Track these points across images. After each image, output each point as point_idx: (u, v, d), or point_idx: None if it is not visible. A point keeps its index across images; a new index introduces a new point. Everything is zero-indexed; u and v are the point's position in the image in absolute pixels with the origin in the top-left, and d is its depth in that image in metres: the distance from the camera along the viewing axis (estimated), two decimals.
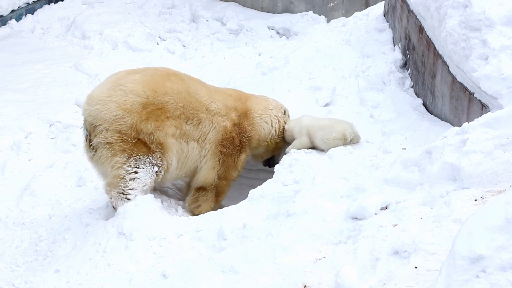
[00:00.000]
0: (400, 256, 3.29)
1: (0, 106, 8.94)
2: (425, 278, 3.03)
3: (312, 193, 4.52)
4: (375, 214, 3.88)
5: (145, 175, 5.45)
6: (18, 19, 12.73)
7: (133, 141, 5.36)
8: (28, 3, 12.96)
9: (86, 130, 5.46)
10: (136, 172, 5.41)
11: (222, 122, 5.81)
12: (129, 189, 5.41)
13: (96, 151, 5.42)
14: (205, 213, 5.40)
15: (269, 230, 4.32)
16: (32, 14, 12.94)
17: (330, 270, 3.52)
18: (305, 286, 3.47)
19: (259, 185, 5.39)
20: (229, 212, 4.99)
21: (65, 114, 8.66)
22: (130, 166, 5.40)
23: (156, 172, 5.50)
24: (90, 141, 5.43)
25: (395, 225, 3.59)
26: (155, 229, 4.99)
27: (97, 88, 5.63)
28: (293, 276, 3.61)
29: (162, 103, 5.47)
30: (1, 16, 12.58)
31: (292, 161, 5.60)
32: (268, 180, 5.43)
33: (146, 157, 5.42)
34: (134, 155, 5.39)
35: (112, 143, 5.34)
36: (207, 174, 5.83)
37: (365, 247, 3.54)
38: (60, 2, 13.38)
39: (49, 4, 13.27)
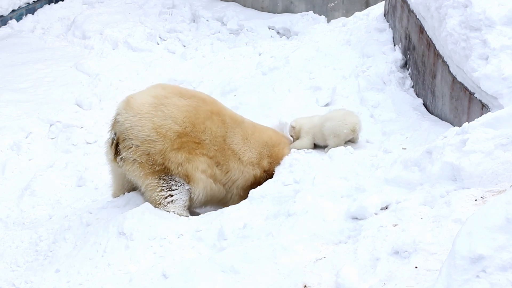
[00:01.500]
0: (400, 256, 3.29)
1: (0, 106, 8.95)
2: (425, 278, 3.03)
3: (312, 193, 4.52)
4: (376, 214, 3.88)
5: (180, 195, 5.37)
6: (18, 19, 12.74)
7: (158, 168, 5.27)
8: (29, 3, 12.96)
9: (115, 134, 5.31)
10: (171, 195, 5.34)
11: (253, 170, 5.69)
12: (172, 210, 5.34)
13: (123, 161, 5.30)
14: (205, 213, 5.40)
15: (269, 230, 4.31)
16: (32, 14, 12.95)
17: (330, 270, 3.52)
18: (305, 286, 3.47)
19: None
20: (229, 212, 4.98)
21: (65, 114, 8.68)
22: (163, 189, 5.32)
23: (188, 189, 5.41)
24: (117, 146, 5.30)
25: (396, 225, 3.59)
26: (156, 229, 4.99)
27: (141, 94, 5.43)
28: (293, 276, 3.61)
29: (199, 138, 5.37)
30: (2, 16, 12.59)
31: (292, 161, 5.59)
32: (269, 180, 5.43)
33: (174, 176, 5.34)
34: (163, 175, 5.30)
35: (142, 163, 5.25)
36: None
37: (366, 247, 3.53)
38: (60, 2, 13.39)
39: (49, 4, 13.28)
